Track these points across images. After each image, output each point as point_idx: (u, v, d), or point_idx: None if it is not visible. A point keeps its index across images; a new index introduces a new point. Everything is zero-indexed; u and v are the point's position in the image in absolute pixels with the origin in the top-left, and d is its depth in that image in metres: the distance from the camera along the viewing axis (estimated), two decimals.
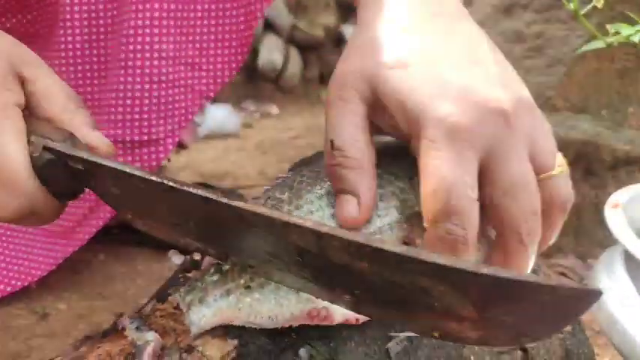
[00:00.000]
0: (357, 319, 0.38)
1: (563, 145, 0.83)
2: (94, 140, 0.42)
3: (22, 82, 0.42)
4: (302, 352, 0.39)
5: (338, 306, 0.35)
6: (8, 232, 0.73)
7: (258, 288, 0.38)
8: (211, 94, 0.71)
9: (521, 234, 0.34)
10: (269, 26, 2.06)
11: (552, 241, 0.38)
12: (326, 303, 0.36)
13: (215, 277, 0.40)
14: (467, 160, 0.32)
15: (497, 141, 0.33)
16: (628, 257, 0.59)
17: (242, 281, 0.39)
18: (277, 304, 0.38)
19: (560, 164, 0.36)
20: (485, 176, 0.33)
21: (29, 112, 0.43)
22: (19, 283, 0.70)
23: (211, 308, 0.39)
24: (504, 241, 0.35)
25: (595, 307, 0.58)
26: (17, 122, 0.40)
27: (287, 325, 0.38)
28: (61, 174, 0.41)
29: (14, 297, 0.71)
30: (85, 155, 0.39)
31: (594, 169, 0.84)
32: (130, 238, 0.81)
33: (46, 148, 0.40)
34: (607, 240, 0.86)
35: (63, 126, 0.42)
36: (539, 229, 0.34)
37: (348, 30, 2.10)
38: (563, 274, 0.82)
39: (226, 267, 0.39)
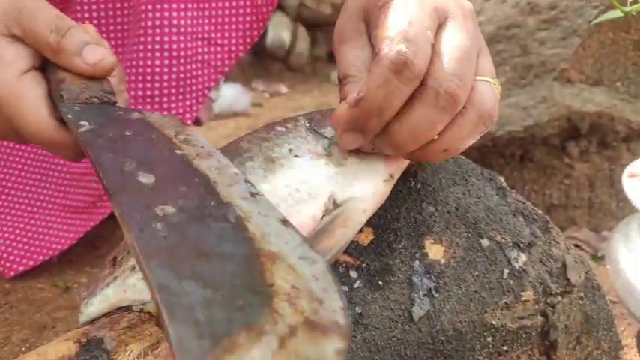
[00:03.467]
0: None
1: (578, 117, 0.83)
2: (80, 68, 0.43)
3: (24, 37, 0.43)
4: None
5: None
6: (29, 208, 0.74)
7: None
8: (226, 69, 0.71)
9: (439, 87, 0.36)
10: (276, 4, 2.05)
11: (460, 144, 0.39)
12: None
13: (107, 270, 0.42)
14: (428, 13, 0.37)
15: (452, 15, 0.38)
16: None
17: (129, 264, 0.41)
18: None
19: (495, 82, 0.39)
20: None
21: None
22: (40, 257, 0.72)
23: (98, 297, 0.41)
24: (425, 92, 0.36)
25: (613, 277, 0.59)
26: (34, 88, 0.43)
27: None
28: None
29: (37, 272, 0.73)
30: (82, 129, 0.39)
31: (608, 141, 0.84)
32: None
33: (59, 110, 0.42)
34: (621, 212, 0.87)
35: (53, 50, 0.43)
36: (456, 96, 0.36)
37: None
38: (577, 246, 0.82)
39: (120, 257, 0.42)
